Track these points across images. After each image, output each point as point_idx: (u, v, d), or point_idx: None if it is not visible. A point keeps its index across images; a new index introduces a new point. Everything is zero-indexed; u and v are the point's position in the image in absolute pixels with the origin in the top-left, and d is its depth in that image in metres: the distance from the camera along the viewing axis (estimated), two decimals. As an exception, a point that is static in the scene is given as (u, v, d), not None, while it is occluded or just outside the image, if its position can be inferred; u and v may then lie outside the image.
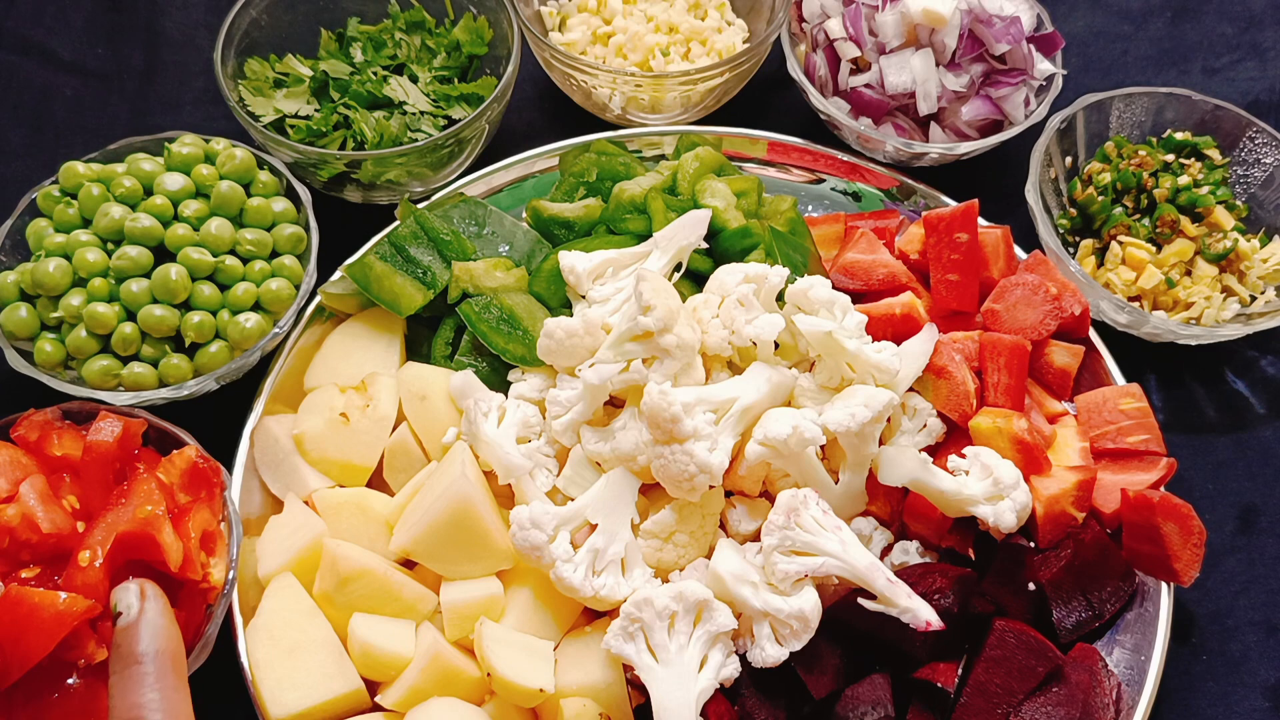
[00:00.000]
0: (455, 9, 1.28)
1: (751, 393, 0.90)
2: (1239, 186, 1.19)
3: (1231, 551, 1.06)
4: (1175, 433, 1.11)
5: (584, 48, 1.29)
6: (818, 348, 0.93)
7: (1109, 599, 0.92)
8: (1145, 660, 0.91)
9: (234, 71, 1.19)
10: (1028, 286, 1.02)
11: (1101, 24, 1.46)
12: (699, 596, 0.84)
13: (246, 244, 1.04)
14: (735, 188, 1.09)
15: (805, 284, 0.94)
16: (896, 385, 0.95)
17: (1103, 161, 1.20)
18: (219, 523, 0.90)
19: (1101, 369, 1.05)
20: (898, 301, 1.02)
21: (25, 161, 1.29)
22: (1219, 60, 1.42)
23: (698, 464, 0.85)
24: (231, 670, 0.89)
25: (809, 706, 0.86)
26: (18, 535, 0.81)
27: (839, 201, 1.20)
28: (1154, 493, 0.92)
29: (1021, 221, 1.16)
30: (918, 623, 0.83)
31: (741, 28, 1.34)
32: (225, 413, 1.04)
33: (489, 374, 1.01)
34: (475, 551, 0.90)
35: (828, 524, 0.86)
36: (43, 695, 0.79)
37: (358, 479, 0.98)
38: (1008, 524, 0.89)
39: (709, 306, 0.97)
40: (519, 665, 0.85)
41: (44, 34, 1.40)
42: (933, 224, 1.05)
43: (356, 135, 1.16)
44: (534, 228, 1.12)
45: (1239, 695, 0.99)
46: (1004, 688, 0.85)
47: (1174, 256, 1.13)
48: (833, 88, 1.26)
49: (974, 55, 1.20)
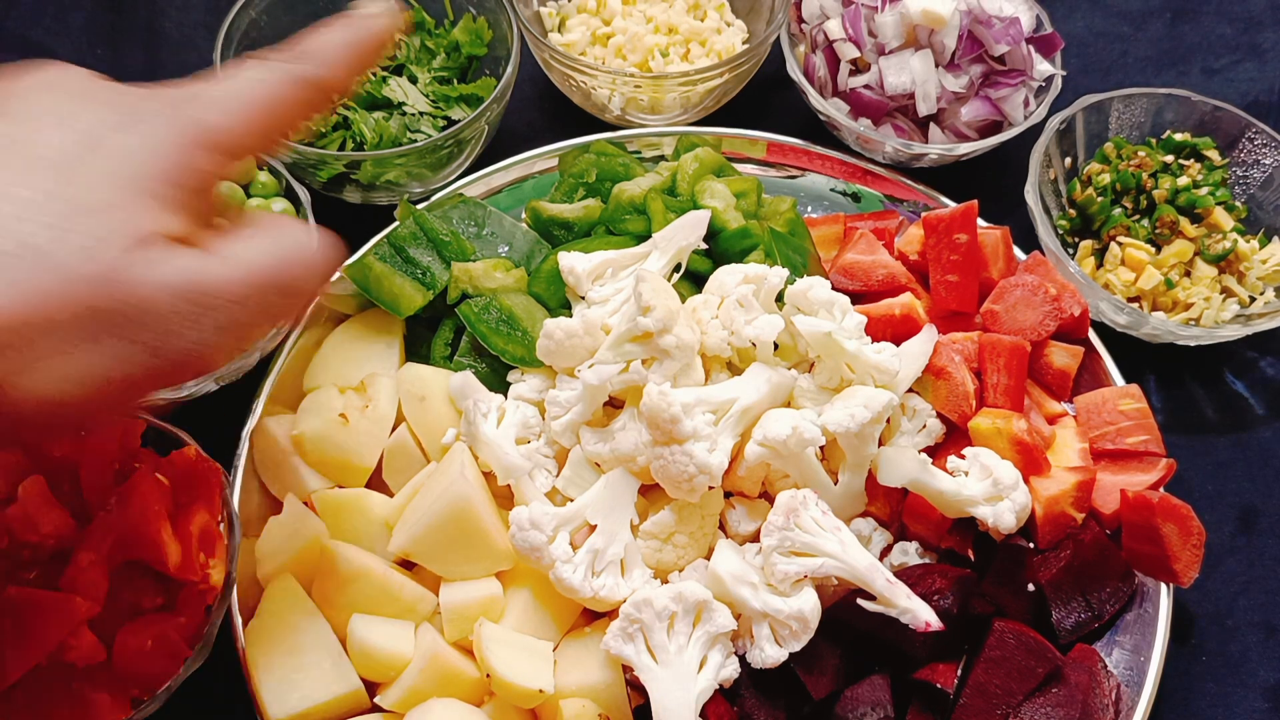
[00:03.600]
0: (455, 10, 1.28)
1: (751, 393, 0.90)
2: (1238, 187, 1.19)
3: (1231, 552, 1.06)
4: (1175, 433, 1.11)
5: (583, 48, 1.29)
6: (817, 348, 0.93)
7: (1108, 600, 0.92)
8: (1145, 661, 0.91)
9: (233, 72, 1.19)
10: (1027, 287, 1.02)
11: (1101, 25, 1.46)
12: (698, 597, 0.84)
13: (246, 245, 1.04)
14: (735, 188, 1.10)
15: (805, 285, 0.94)
16: (896, 386, 0.95)
17: (1102, 162, 1.20)
18: (218, 523, 0.90)
19: (1101, 370, 1.05)
20: (897, 302, 1.02)
21: (25, 162, 1.29)
22: (1218, 61, 1.42)
23: (697, 465, 0.85)
24: (231, 671, 0.89)
25: (809, 707, 0.86)
26: (17, 536, 0.81)
27: (838, 202, 1.20)
28: (1153, 493, 0.92)
29: (1021, 222, 1.16)
30: (917, 623, 0.83)
31: (741, 29, 1.34)
32: (224, 414, 1.04)
33: (488, 375, 1.01)
34: (474, 552, 0.90)
35: (827, 525, 0.86)
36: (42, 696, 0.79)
37: (357, 480, 0.98)
38: (1007, 525, 0.89)
39: (708, 307, 0.97)
40: (518, 666, 0.85)
41: (44, 34, 1.40)
42: (932, 225, 1.05)
43: (356, 136, 1.16)
44: (533, 228, 1.12)
45: (1239, 696, 0.99)
46: (1003, 688, 0.85)
47: (1173, 257, 1.13)
48: (832, 89, 1.26)
49: (973, 56, 1.20)
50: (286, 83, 0.56)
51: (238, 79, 0.56)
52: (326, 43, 0.59)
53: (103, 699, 0.80)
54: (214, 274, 0.50)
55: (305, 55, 0.58)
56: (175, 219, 0.50)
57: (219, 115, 0.54)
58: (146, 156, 0.51)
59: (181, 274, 0.49)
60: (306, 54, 0.58)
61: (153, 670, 0.82)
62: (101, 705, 0.80)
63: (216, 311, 0.50)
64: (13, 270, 0.46)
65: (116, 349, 0.48)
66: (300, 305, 0.56)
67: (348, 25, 0.61)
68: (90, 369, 0.48)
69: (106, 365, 0.48)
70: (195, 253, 0.50)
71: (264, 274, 0.52)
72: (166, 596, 0.85)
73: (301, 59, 0.58)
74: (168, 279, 0.49)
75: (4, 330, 0.45)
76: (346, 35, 0.60)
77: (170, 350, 0.50)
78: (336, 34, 0.60)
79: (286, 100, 0.56)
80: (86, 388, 0.48)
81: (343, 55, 0.59)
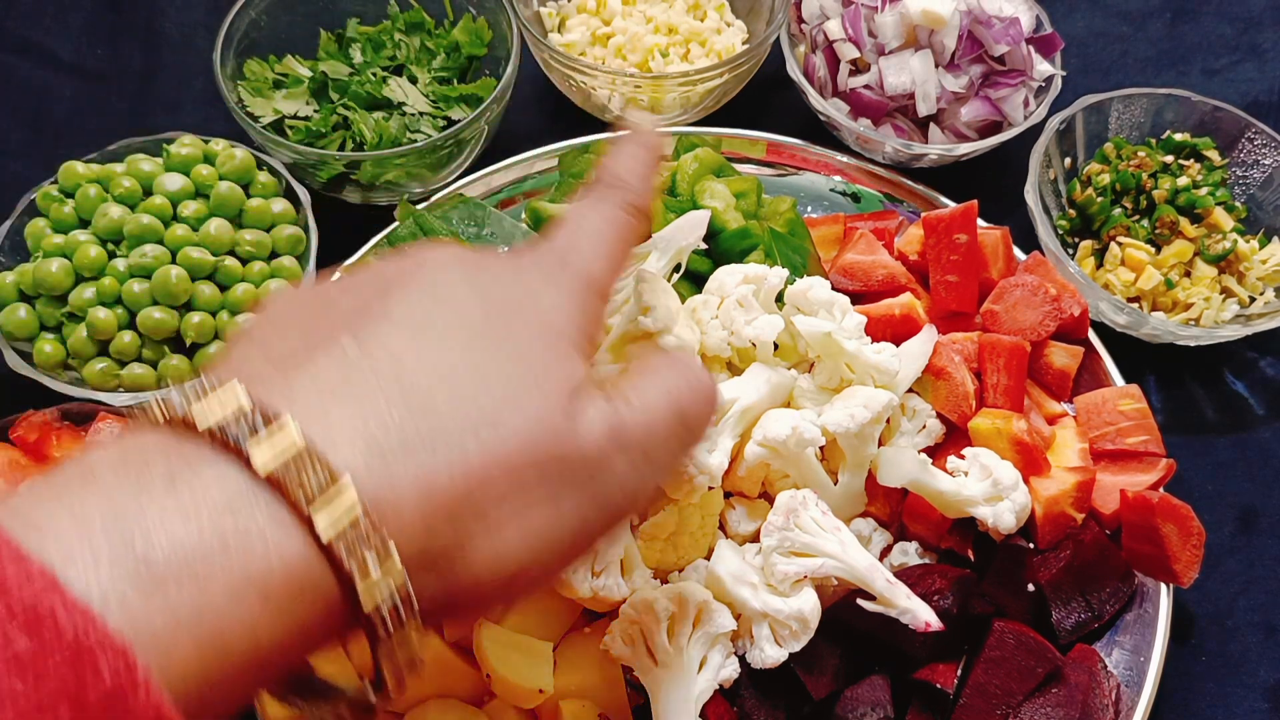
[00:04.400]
0: (455, 10, 1.28)
1: (751, 394, 0.90)
2: (1238, 188, 1.19)
3: (1231, 552, 1.06)
4: (1174, 434, 1.11)
5: (583, 49, 1.29)
6: (817, 349, 0.93)
7: (1108, 600, 0.92)
8: (1145, 661, 0.91)
9: (233, 72, 1.19)
10: (1027, 287, 1.02)
11: (1101, 25, 1.46)
12: (698, 598, 0.84)
13: (246, 245, 1.04)
14: (734, 189, 1.09)
15: (804, 285, 0.94)
16: (896, 386, 0.95)
17: (1102, 162, 1.20)
18: (218, 524, 0.90)
19: (1101, 370, 1.05)
20: (897, 302, 1.02)
21: (24, 162, 1.29)
22: (1218, 61, 1.42)
23: (696, 465, 0.85)
24: (230, 671, 0.89)
25: (809, 707, 0.86)
26: (16, 536, 0.81)
27: (838, 202, 1.20)
28: (1153, 494, 0.92)
29: (1020, 222, 1.16)
30: (917, 623, 0.83)
31: (741, 29, 1.34)
32: (224, 413, 1.03)
33: (488, 375, 1.01)
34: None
35: (827, 525, 0.86)
36: (41, 696, 0.79)
37: (357, 480, 0.98)
38: (1007, 525, 0.89)
39: (708, 307, 0.97)
40: (518, 666, 0.85)
41: (43, 34, 1.40)
42: (932, 225, 1.05)
43: (356, 136, 1.16)
44: (533, 229, 1.12)
45: (1239, 696, 0.99)
46: (1003, 689, 0.85)
47: (1173, 257, 1.13)
48: (832, 89, 1.26)
49: (973, 56, 1.20)
50: (625, 216, 0.58)
51: (590, 220, 0.57)
52: (633, 167, 0.60)
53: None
54: (632, 418, 0.51)
55: (621, 181, 0.59)
56: (589, 368, 0.51)
57: (595, 262, 0.55)
58: (561, 313, 0.52)
59: (608, 421, 0.50)
60: (621, 180, 0.59)
61: (152, 670, 0.82)
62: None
63: (641, 454, 0.51)
64: (472, 440, 0.45)
65: (573, 505, 0.48)
66: (700, 436, 0.55)
67: (640, 143, 0.62)
68: (550, 529, 0.48)
69: (565, 523, 0.48)
70: (610, 398, 0.51)
71: (669, 412, 0.52)
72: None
73: (621, 187, 0.59)
74: (600, 428, 0.49)
75: (466, 500, 0.45)
76: (644, 154, 0.61)
77: (613, 499, 0.50)
78: (637, 154, 0.61)
79: (629, 232, 0.58)
80: (549, 549, 0.48)
81: (647, 175, 0.61)
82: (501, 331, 0.50)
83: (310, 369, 0.45)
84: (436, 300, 0.50)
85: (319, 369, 0.45)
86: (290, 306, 0.52)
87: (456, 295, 0.51)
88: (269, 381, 0.44)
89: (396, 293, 0.49)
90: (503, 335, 0.49)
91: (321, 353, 0.46)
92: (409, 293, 0.50)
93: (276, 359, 0.46)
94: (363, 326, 0.47)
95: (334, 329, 0.47)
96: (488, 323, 0.50)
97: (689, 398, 0.54)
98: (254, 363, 0.47)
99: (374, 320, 0.47)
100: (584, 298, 0.54)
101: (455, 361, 0.47)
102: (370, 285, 0.52)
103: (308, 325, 0.49)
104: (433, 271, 0.52)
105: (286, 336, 0.48)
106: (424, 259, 0.54)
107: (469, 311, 0.50)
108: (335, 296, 0.51)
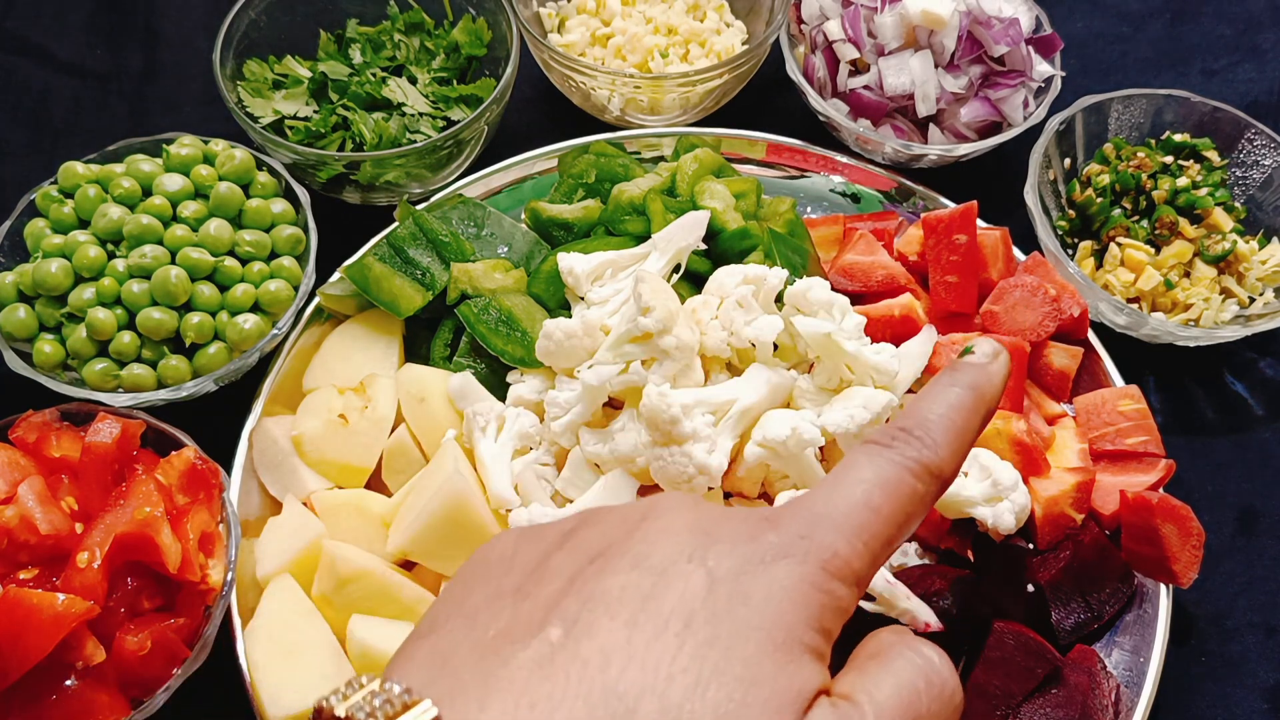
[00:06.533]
0: (454, 10, 1.28)
1: (750, 394, 0.90)
2: (1238, 188, 1.19)
3: (1230, 553, 1.06)
4: (1174, 434, 1.11)
5: (583, 49, 1.29)
6: (816, 349, 0.93)
7: (1108, 600, 0.92)
8: (1144, 662, 0.91)
9: (233, 73, 1.19)
10: (1026, 288, 1.02)
11: (1100, 26, 1.46)
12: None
13: (245, 245, 1.04)
14: (734, 189, 1.10)
15: (804, 285, 0.94)
16: (895, 387, 0.95)
17: (1101, 163, 1.20)
18: (217, 524, 0.90)
19: (1100, 370, 1.05)
20: (897, 303, 1.02)
21: (24, 162, 1.29)
22: (1218, 62, 1.42)
23: (696, 465, 0.85)
24: (230, 672, 0.89)
25: (808, 708, 0.86)
26: (16, 536, 0.81)
27: (838, 203, 1.20)
28: (1153, 494, 0.92)
29: (1020, 223, 1.16)
30: (917, 624, 0.83)
31: (740, 29, 1.34)
32: (224, 414, 1.04)
33: (488, 375, 1.01)
34: (474, 548, 0.89)
35: (826, 525, 0.86)
36: (41, 697, 0.79)
37: (356, 480, 0.98)
38: (1006, 525, 0.89)
39: (708, 308, 0.97)
40: None
41: (43, 34, 1.40)
42: (931, 225, 1.05)
43: (355, 137, 1.16)
44: (533, 229, 1.12)
45: (1238, 697, 0.99)
46: (1003, 689, 0.85)
47: (1173, 258, 1.13)
48: (832, 89, 1.26)
49: (973, 57, 1.20)
50: (907, 482, 0.47)
51: (853, 485, 0.47)
52: (943, 415, 0.49)
53: (102, 699, 0.80)
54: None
55: (918, 432, 0.49)
56: (822, 669, 0.45)
57: (849, 543, 0.46)
58: (790, 604, 0.44)
59: None
60: (919, 430, 0.49)
61: (152, 671, 0.82)
62: (101, 705, 0.80)
63: None
64: None
65: None
66: None
67: (965, 384, 0.51)
68: None
69: None
70: (843, 707, 0.44)
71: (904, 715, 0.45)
72: (166, 597, 0.85)
73: (914, 439, 0.49)
74: None
75: None
76: (967, 400, 0.50)
77: None
78: (954, 401, 0.50)
79: (910, 504, 0.48)
80: None
81: (963, 432, 0.50)
82: (726, 631, 0.43)
83: (512, 665, 0.42)
84: (657, 578, 0.44)
85: (519, 668, 0.42)
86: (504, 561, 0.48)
87: (680, 573, 0.44)
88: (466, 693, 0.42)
89: (615, 560, 0.45)
90: (727, 637, 0.42)
91: (525, 648, 0.42)
92: (627, 561, 0.45)
93: (482, 647, 0.43)
94: (572, 609, 0.43)
95: (545, 612, 0.44)
96: (712, 616, 0.43)
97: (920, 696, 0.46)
98: (460, 653, 0.44)
99: (587, 603, 0.43)
100: (827, 586, 0.45)
101: (669, 669, 0.41)
102: (592, 544, 0.46)
103: (520, 593, 0.45)
104: (658, 538, 0.46)
105: (497, 612, 0.45)
106: (653, 510, 0.47)
107: (691, 596, 0.43)
108: (551, 552, 0.47)
